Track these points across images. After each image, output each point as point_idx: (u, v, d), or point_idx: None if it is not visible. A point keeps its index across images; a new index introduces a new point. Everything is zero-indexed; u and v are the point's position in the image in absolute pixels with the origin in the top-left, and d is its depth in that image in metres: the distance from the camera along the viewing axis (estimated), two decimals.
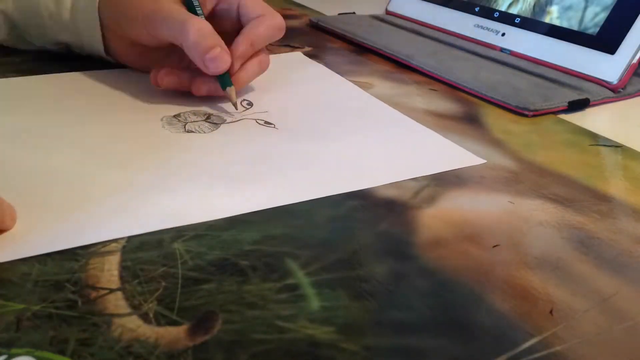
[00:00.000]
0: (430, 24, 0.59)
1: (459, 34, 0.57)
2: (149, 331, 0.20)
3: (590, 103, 0.43)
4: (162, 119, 0.37)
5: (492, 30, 0.54)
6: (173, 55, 0.41)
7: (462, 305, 0.23)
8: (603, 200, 0.31)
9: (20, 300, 0.21)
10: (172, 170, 0.31)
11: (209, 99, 0.40)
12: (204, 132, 0.36)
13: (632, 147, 0.37)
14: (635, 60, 0.45)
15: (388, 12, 0.65)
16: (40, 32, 0.43)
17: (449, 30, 0.57)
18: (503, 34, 0.53)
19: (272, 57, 0.43)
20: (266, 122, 0.38)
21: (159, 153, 0.33)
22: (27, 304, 0.21)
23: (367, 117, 0.40)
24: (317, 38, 0.58)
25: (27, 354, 0.19)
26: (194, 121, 0.37)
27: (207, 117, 0.37)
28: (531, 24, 0.51)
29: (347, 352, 0.20)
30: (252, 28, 0.40)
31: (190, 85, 0.39)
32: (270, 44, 0.43)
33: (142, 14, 0.37)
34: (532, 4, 0.52)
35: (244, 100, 0.41)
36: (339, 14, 0.65)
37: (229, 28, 0.41)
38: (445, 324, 0.22)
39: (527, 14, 0.52)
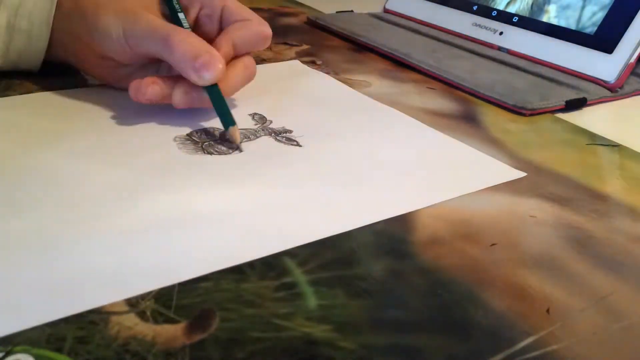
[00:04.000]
0: (428, 23, 0.59)
1: (456, 32, 0.56)
2: (146, 329, 0.20)
3: (588, 102, 0.44)
4: (175, 139, 0.34)
5: (490, 29, 0.54)
6: (150, 67, 0.38)
7: (459, 304, 0.23)
8: (600, 199, 0.31)
9: None
10: (198, 201, 0.28)
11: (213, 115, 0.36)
12: (225, 154, 0.33)
13: (629, 147, 0.37)
14: (632, 60, 0.45)
15: (386, 10, 0.65)
16: None
17: (447, 29, 0.57)
18: (501, 33, 0.53)
19: (274, 66, 0.40)
20: (287, 139, 0.35)
21: (182, 179, 0.30)
22: None
23: (391, 131, 0.37)
24: (314, 36, 0.58)
25: (24, 351, 0.19)
26: (209, 141, 0.33)
27: (222, 136, 0.34)
28: (529, 23, 0.51)
29: (345, 350, 0.20)
30: (235, 29, 0.37)
31: (171, 97, 0.35)
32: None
33: (121, 28, 0.34)
34: (530, 3, 0.52)
35: (256, 114, 0.38)
36: (337, 12, 0.65)
37: (211, 35, 0.38)
38: (442, 322, 0.22)
39: (525, 13, 0.52)
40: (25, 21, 0.37)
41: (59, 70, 0.41)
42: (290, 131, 0.36)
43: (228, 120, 0.34)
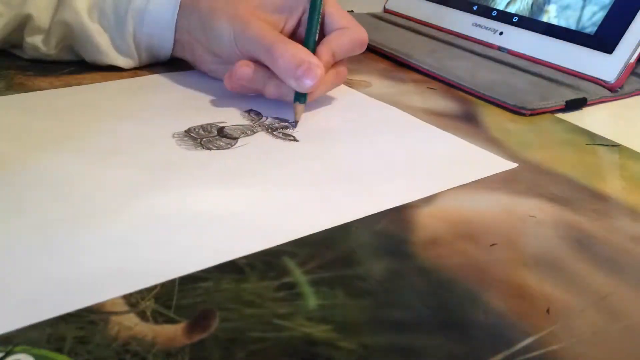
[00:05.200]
0: (428, 23, 0.59)
1: (457, 32, 0.56)
2: (146, 329, 0.20)
3: (588, 102, 0.44)
4: (173, 136, 0.34)
5: (490, 29, 0.54)
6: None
7: (459, 304, 0.23)
8: (600, 199, 0.31)
9: None
10: (197, 195, 0.29)
11: (214, 113, 0.38)
12: (224, 149, 0.33)
13: (629, 147, 0.37)
14: (632, 60, 0.45)
15: (386, 10, 0.65)
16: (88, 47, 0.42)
17: (447, 29, 0.57)
18: (501, 33, 0.53)
19: None
20: (284, 135, 0.36)
21: (180, 173, 0.30)
22: None
23: (384, 124, 0.38)
24: None
25: (24, 351, 0.19)
26: (207, 137, 0.34)
27: (219, 132, 0.35)
28: (529, 22, 0.51)
29: (345, 350, 0.20)
30: (335, 38, 0.39)
31: (264, 88, 0.38)
32: None
33: (232, 32, 0.38)
34: (530, 2, 0.52)
35: (252, 110, 0.39)
36: None
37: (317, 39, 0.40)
38: (442, 322, 0.22)
39: (525, 13, 0.52)
40: (151, 27, 0.41)
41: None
42: (286, 126, 0.37)
43: (300, 96, 0.37)
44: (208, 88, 0.41)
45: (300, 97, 0.37)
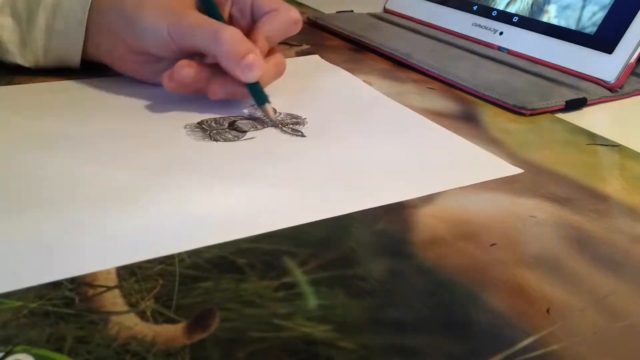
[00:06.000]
0: (428, 22, 0.59)
1: (456, 32, 0.57)
2: (146, 329, 0.20)
3: (588, 102, 0.44)
4: (185, 127, 0.35)
5: (490, 29, 0.54)
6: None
7: (459, 304, 0.23)
8: (600, 199, 0.31)
9: (17, 297, 0.21)
10: (197, 182, 0.30)
11: (229, 107, 0.38)
12: (231, 141, 0.34)
13: (629, 147, 0.37)
14: (632, 60, 0.45)
15: (386, 10, 0.65)
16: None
17: (446, 29, 0.57)
18: (501, 33, 0.53)
19: (292, 60, 0.42)
20: (293, 130, 0.36)
21: (185, 162, 0.32)
22: (24, 302, 0.21)
23: (394, 124, 0.38)
24: (315, 36, 0.58)
25: (24, 351, 0.19)
26: (218, 129, 0.35)
27: (230, 125, 0.36)
28: (529, 23, 0.51)
29: (345, 350, 0.20)
30: (266, 22, 0.39)
31: (207, 87, 0.37)
32: None
33: (165, 24, 0.36)
34: (530, 3, 0.52)
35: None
36: (337, 12, 0.65)
37: (245, 29, 0.39)
38: (442, 322, 0.22)
39: (525, 13, 0.52)
40: (62, 22, 0.39)
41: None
42: (297, 122, 0.37)
43: (262, 98, 0.37)
44: None
45: (263, 99, 0.37)
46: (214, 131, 0.35)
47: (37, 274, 0.22)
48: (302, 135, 0.36)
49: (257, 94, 0.37)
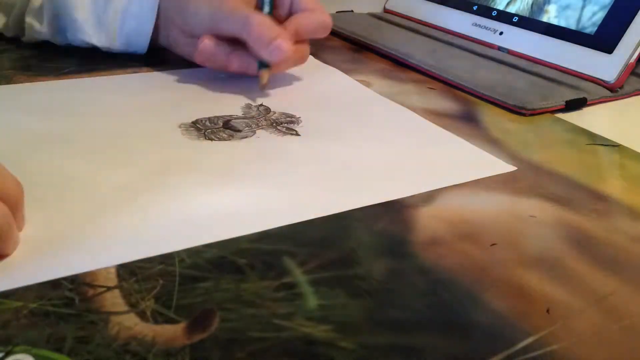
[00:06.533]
0: (428, 22, 0.59)
1: (457, 32, 0.57)
2: (146, 329, 0.20)
3: (588, 102, 0.44)
4: (180, 126, 0.36)
5: (490, 29, 0.54)
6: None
7: (459, 304, 0.23)
8: (600, 199, 0.31)
9: (17, 297, 0.21)
10: (194, 181, 0.30)
11: (223, 107, 0.39)
12: (225, 140, 0.34)
13: (629, 147, 0.37)
14: (632, 60, 0.45)
15: (386, 10, 0.65)
16: (74, 29, 0.43)
17: (447, 29, 0.57)
18: (501, 33, 0.53)
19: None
20: (287, 129, 0.36)
21: (181, 161, 0.32)
22: (24, 302, 0.21)
23: (387, 122, 0.39)
24: None
25: (24, 351, 0.19)
26: (212, 128, 0.35)
27: (225, 124, 0.36)
28: (529, 23, 0.51)
29: (345, 350, 0.20)
30: (299, 18, 0.42)
31: (227, 60, 0.40)
32: None
33: (208, 10, 0.40)
34: (530, 3, 0.52)
35: (261, 105, 0.40)
36: (337, 12, 0.65)
37: (281, 18, 0.43)
38: (442, 322, 0.22)
39: (525, 13, 0.52)
40: (137, 5, 0.42)
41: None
42: (292, 121, 0.38)
43: (264, 62, 0.40)
44: (215, 84, 0.42)
45: (264, 63, 0.40)
46: (209, 130, 0.35)
47: (37, 274, 0.23)
48: (297, 134, 0.36)
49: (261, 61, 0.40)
